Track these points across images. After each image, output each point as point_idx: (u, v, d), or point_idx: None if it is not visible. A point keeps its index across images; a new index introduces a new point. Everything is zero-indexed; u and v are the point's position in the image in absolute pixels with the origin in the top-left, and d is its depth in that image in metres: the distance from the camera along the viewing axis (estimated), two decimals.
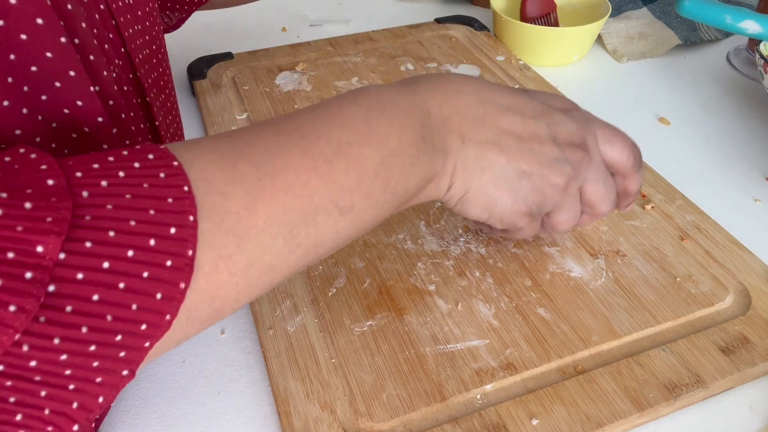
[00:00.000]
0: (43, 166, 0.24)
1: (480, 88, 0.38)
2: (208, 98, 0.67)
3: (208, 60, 0.73)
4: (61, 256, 0.22)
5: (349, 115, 0.33)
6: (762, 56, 0.61)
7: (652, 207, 0.53)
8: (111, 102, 0.34)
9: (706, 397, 0.40)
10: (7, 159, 0.24)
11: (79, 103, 0.31)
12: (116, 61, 0.37)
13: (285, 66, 0.73)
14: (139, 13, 0.40)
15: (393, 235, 0.50)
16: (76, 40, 0.31)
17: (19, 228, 0.21)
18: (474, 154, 0.36)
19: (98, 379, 0.24)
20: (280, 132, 0.31)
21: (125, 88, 0.37)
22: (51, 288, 0.22)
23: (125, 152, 0.26)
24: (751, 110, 0.68)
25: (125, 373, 0.25)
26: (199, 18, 0.87)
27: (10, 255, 0.21)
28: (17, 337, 0.21)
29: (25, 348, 0.22)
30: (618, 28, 0.81)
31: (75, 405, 0.24)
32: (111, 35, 0.36)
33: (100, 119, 0.32)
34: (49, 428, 0.23)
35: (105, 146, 0.33)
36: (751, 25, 0.58)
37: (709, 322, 0.44)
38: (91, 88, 0.31)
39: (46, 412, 0.23)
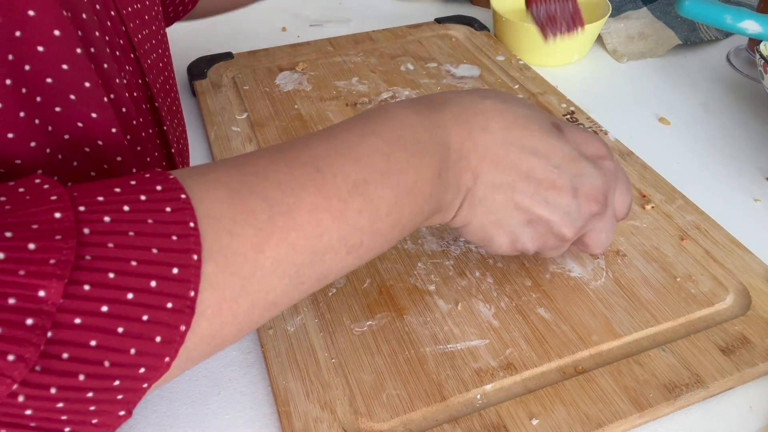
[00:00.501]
0: (53, 197, 0.23)
1: (509, 126, 0.36)
2: (208, 98, 0.67)
3: (208, 60, 0.73)
4: (60, 297, 0.22)
5: (368, 150, 0.31)
6: (762, 56, 0.61)
7: (652, 207, 0.53)
8: (124, 109, 0.34)
9: (706, 397, 0.40)
10: (21, 190, 0.24)
11: (94, 115, 0.30)
12: (127, 67, 0.36)
13: (285, 66, 0.73)
14: (146, 17, 0.40)
15: None
16: (92, 49, 0.31)
17: (22, 272, 0.21)
18: (482, 195, 0.36)
19: (94, 421, 0.24)
20: (294, 164, 0.29)
21: (135, 94, 0.37)
22: (48, 334, 0.21)
23: (133, 182, 0.26)
24: (751, 110, 0.68)
25: (122, 413, 0.25)
26: None
27: (11, 301, 0.21)
28: (15, 387, 0.21)
29: (20, 399, 0.21)
30: (618, 28, 0.81)
31: None
32: (121, 41, 0.36)
33: (113, 130, 0.32)
34: None
35: (119, 158, 0.32)
36: (751, 25, 0.58)
37: (709, 322, 0.44)
38: (105, 99, 0.31)
39: None
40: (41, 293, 0.21)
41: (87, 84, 0.30)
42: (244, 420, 0.40)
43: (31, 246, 0.21)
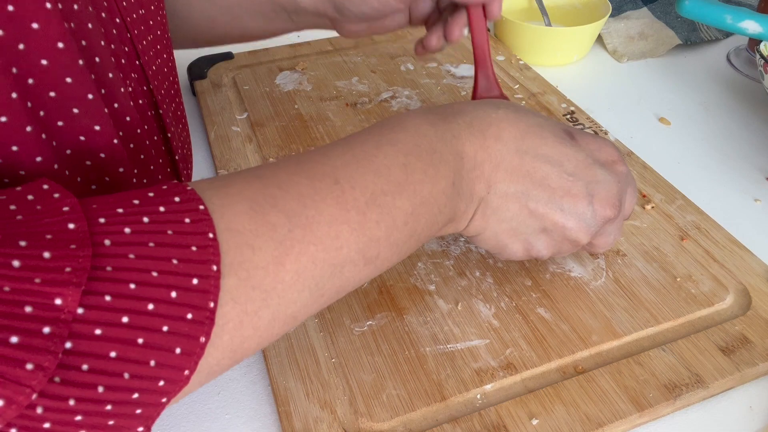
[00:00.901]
0: (66, 208, 0.23)
1: (523, 135, 0.36)
2: (209, 98, 0.67)
3: (208, 60, 0.73)
4: (80, 311, 0.21)
5: (385, 160, 0.31)
6: (762, 56, 0.61)
7: (652, 207, 0.53)
8: (128, 118, 0.33)
9: (706, 397, 0.40)
10: (30, 197, 0.23)
11: (97, 127, 0.30)
12: (132, 74, 0.36)
13: (285, 66, 0.73)
14: (151, 22, 0.39)
15: None
16: (97, 59, 0.31)
17: (37, 280, 0.21)
18: (496, 204, 0.36)
19: None
20: (314, 176, 0.29)
21: (140, 101, 0.37)
22: (68, 345, 0.21)
23: (151, 194, 0.25)
24: (751, 110, 0.68)
25: (140, 430, 0.24)
26: None
27: (28, 309, 0.20)
28: (34, 396, 0.20)
29: (39, 410, 0.21)
30: (618, 28, 0.81)
31: None
32: (126, 48, 0.35)
33: (115, 141, 0.31)
34: None
35: (121, 169, 0.32)
36: (752, 25, 0.58)
37: (709, 322, 0.44)
38: (105, 110, 0.30)
39: None
40: (58, 301, 0.21)
41: (90, 96, 0.30)
42: (244, 420, 0.40)
43: (46, 254, 0.21)
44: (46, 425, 0.21)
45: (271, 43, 0.78)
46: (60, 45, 0.28)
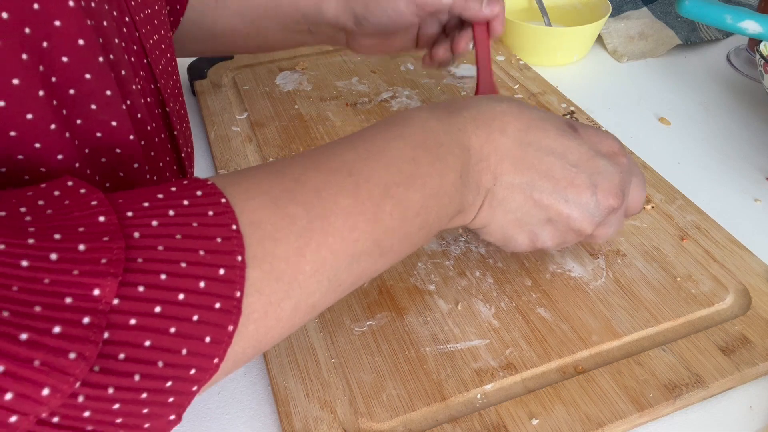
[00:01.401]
0: (94, 202, 0.23)
1: (526, 128, 0.36)
2: (209, 98, 0.67)
3: (208, 60, 0.73)
4: (115, 301, 0.22)
5: (395, 154, 0.32)
6: (762, 56, 0.61)
7: (652, 207, 0.53)
8: (138, 115, 0.34)
9: (706, 397, 0.40)
10: (56, 193, 0.24)
11: (114, 123, 0.31)
12: (141, 72, 0.37)
13: (285, 66, 0.73)
14: (156, 21, 0.40)
15: None
16: (111, 56, 0.31)
17: (75, 272, 0.21)
18: (502, 196, 0.36)
19: (146, 425, 0.24)
20: (328, 170, 0.30)
21: (148, 99, 0.37)
22: (105, 335, 0.22)
23: (173, 188, 0.26)
24: (751, 110, 0.68)
25: (172, 417, 0.25)
26: None
27: (68, 300, 0.21)
28: (77, 385, 0.21)
29: (80, 399, 0.21)
30: (618, 28, 0.81)
31: None
32: (135, 47, 0.36)
33: (131, 137, 0.32)
34: None
35: (136, 165, 0.33)
36: (752, 25, 0.58)
37: (709, 322, 0.44)
38: (123, 106, 0.31)
39: None
40: (96, 292, 0.21)
41: (108, 92, 0.30)
42: (244, 420, 0.40)
43: (81, 247, 0.22)
44: (86, 414, 0.22)
45: None
46: (81, 42, 0.28)
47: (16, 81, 0.26)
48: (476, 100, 0.37)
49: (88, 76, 0.29)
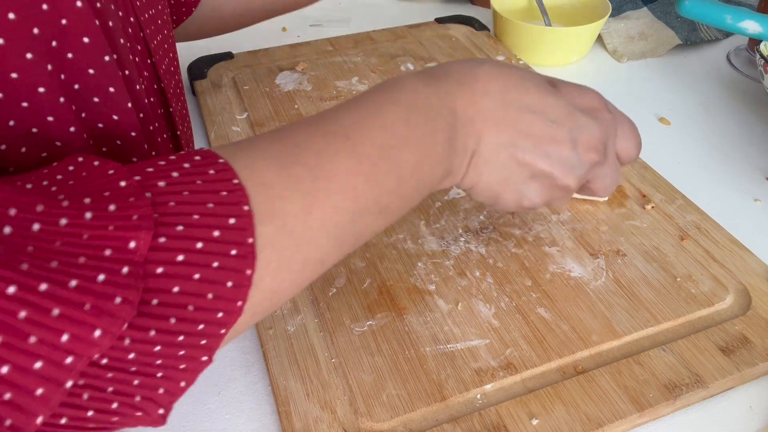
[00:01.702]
0: (111, 171, 0.25)
1: (507, 88, 0.37)
2: (209, 98, 0.67)
3: (208, 60, 0.73)
4: (147, 248, 0.23)
5: (389, 117, 0.34)
6: (762, 56, 0.61)
7: (652, 207, 0.53)
8: (141, 115, 0.35)
9: (706, 397, 0.40)
10: (71, 168, 0.25)
11: (115, 117, 0.32)
12: (144, 73, 0.37)
13: (285, 66, 0.73)
14: (159, 21, 0.40)
15: (393, 235, 0.50)
16: (115, 56, 0.32)
17: (111, 227, 0.23)
18: (487, 155, 0.37)
19: (182, 366, 0.26)
20: (327, 134, 0.32)
21: (152, 99, 0.38)
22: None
23: (172, 156, 0.28)
24: (751, 110, 0.68)
25: (204, 358, 0.26)
26: None
27: (107, 252, 0.22)
28: (125, 327, 0.22)
29: (126, 342, 0.23)
30: (618, 28, 0.81)
31: (161, 391, 0.25)
32: (139, 47, 0.37)
33: (133, 134, 0.33)
34: (139, 413, 0.25)
35: (134, 159, 0.34)
36: (752, 25, 0.58)
37: (709, 322, 0.44)
38: (128, 104, 0.32)
39: (137, 399, 0.25)
40: (132, 244, 0.23)
41: (111, 89, 0.31)
42: (244, 420, 0.40)
43: (112, 207, 0.23)
44: (131, 356, 0.23)
45: (271, 43, 0.78)
46: (86, 40, 0.29)
47: (29, 54, 0.27)
48: (458, 65, 0.39)
49: (91, 71, 0.30)
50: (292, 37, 0.82)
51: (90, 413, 0.23)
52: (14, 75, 0.27)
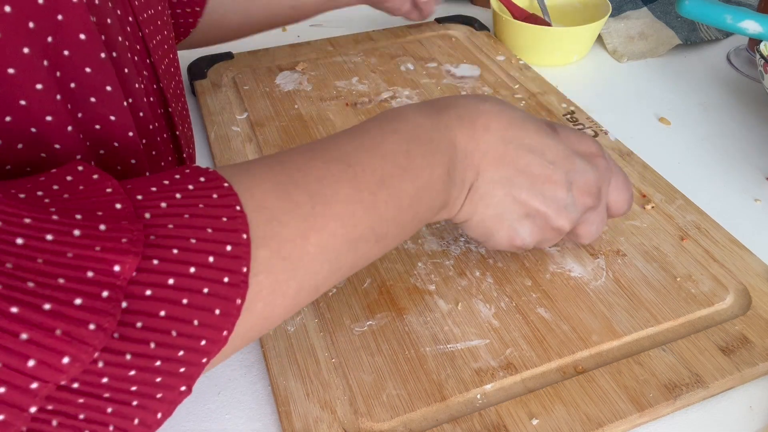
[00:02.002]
0: (108, 189, 0.25)
1: (508, 126, 0.38)
2: (209, 98, 0.67)
3: (208, 60, 0.73)
4: (133, 273, 0.23)
5: (390, 147, 0.34)
6: (762, 56, 0.61)
7: (652, 207, 0.53)
8: (141, 114, 0.35)
9: (706, 397, 0.40)
10: (69, 178, 0.25)
11: (112, 117, 0.31)
12: (143, 72, 0.37)
13: (285, 66, 0.73)
14: (159, 22, 0.40)
15: None
16: (114, 54, 0.32)
17: (98, 248, 0.22)
18: (484, 190, 0.38)
19: (159, 395, 0.25)
20: (328, 160, 0.32)
21: (151, 99, 0.38)
22: (124, 304, 0.23)
23: (177, 176, 0.27)
24: (751, 110, 0.68)
25: (183, 389, 0.26)
26: None
27: (90, 274, 0.22)
28: (96, 355, 0.22)
29: (100, 364, 0.22)
30: (618, 28, 0.81)
31: (136, 421, 0.24)
32: (138, 46, 0.37)
33: (130, 134, 0.32)
34: None
35: (133, 161, 0.33)
36: (752, 25, 0.58)
37: (709, 322, 0.44)
38: (124, 103, 0.32)
39: (111, 428, 0.24)
40: (116, 268, 0.22)
41: (108, 88, 0.31)
42: (244, 420, 0.40)
43: (102, 227, 0.23)
44: (105, 380, 0.23)
45: (271, 43, 0.78)
46: (82, 36, 0.29)
47: (25, 49, 0.27)
48: (462, 99, 0.39)
49: (88, 69, 0.30)
50: (292, 37, 0.82)
51: None
52: (11, 71, 0.26)
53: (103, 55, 0.30)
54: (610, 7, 0.76)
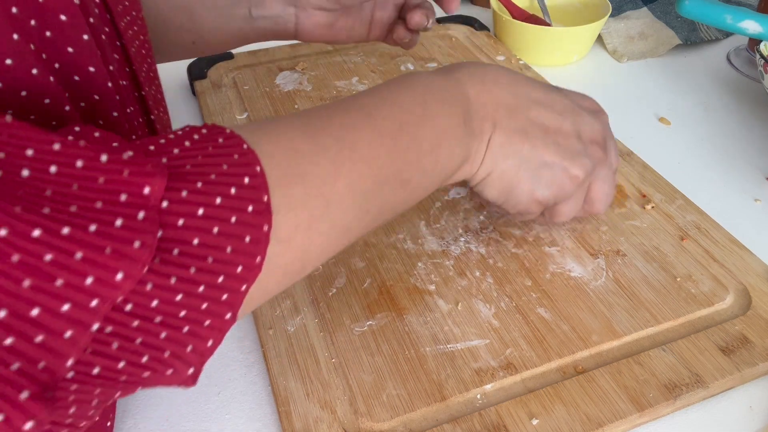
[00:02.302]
0: (115, 144, 0.25)
1: (515, 81, 0.40)
2: (209, 98, 0.67)
3: (208, 60, 0.73)
4: (164, 204, 0.24)
5: (406, 99, 0.36)
6: (762, 56, 0.61)
7: (652, 207, 0.53)
8: (118, 97, 0.34)
9: (706, 397, 0.40)
10: (70, 138, 0.25)
11: (96, 97, 0.32)
12: (114, 55, 0.36)
13: (285, 66, 0.73)
14: (127, 2, 0.39)
15: (393, 235, 0.50)
16: (85, 36, 0.31)
17: (126, 172, 0.23)
18: (501, 140, 0.39)
19: (206, 322, 0.26)
20: (349, 110, 0.34)
21: (124, 82, 0.37)
22: (159, 233, 0.24)
23: (180, 131, 0.28)
24: (751, 110, 0.68)
25: (228, 316, 0.27)
26: None
27: (123, 197, 0.23)
28: (145, 270, 0.23)
29: (148, 286, 0.23)
30: (618, 28, 0.81)
31: (189, 348, 0.25)
32: (107, 28, 0.36)
33: (115, 114, 0.33)
34: (169, 371, 0.25)
35: (115, 113, 0.34)
36: (752, 25, 0.58)
37: (709, 322, 0.44)
38: (109, 84, 0.32)
39: (166, 354, 0.25)
40: (146, 190, 0.23)
41: (91, 69, 0.31)
42: (244, 420, 0.40)
43: (127, 155, 0.24)
44: (154, 303, 0.23)
45: (271, 43, 0.78)
46: (63, 17, 0.29)
47: (15, 36, 0.27)
48: (467, 63, 0.41)
49: (70, 49, 0.30)
50: None
51: (121, 364, 0.23)
52: (9, 61, 0.26)
53: (86, 36, 0.30)
54: (610, 7, 0.76)
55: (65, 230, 0.21)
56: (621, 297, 0.45)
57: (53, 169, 0.22)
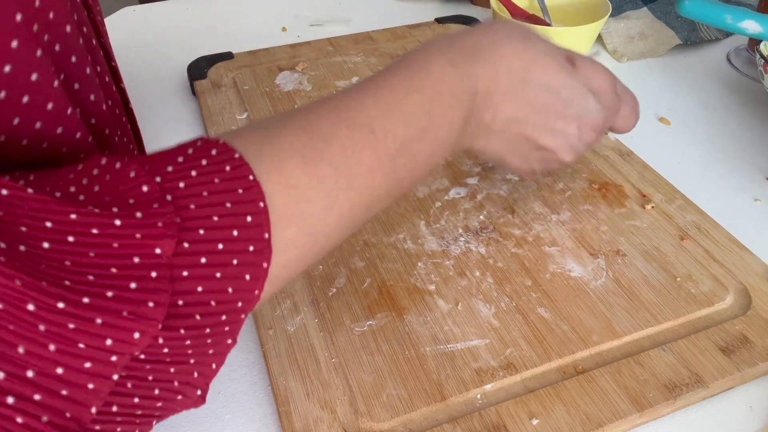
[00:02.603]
0: (132, 174, 0.26)
1: (530, 65, 0.40)
2: (209, 98, 0.67)
3: (208, 60, 0.73)
4: (172, 252, 0.25)
5: (413, 108, 0.35)
6: (762, 56, 0.61)
7: (652, 207, 0.53)
8: (93, 121, 0.34)
9: (706, 397, 0.40)
10: (95, 172, 0.26)
11: (92, 97, 0.33)
12: (105, 78, 0.37)
13: (285, 66, 0.73)
14: (99, 18, 0.40)
15: (393, 235, 0.50)
16: (74, 58, 0.32)
17: (138, 235, 0.24)
18: (499, 128, 0.40)
19: (210, 351, 0.28)
20: (352, 126, 0.33)
21: (106, 78, 0.38)
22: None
23: (190, 150, 0.28)
24: (751, 110, 0.68)
25: (229, 341, 0.29)
26: (199, 18, 0.87)
27: (136, 260, 0.24)
28: (159, 327, 0.24)
29: (160, 340, 0.25)
30: (618, 28, 0.81)
31: (196, 374, 0.28)
32: (85, 29, 0.36)
33: (78, 135, 0.32)
34: (179, 397, 0.27)
35: (107, 130, 0.35)
36: (752, 25, 0.58)
37: (709, 322, 0.44)
38: (68, 110, 0.31)
39: (176, 384, 0.27)
40: (158, 251, 0.25)
41: (88, 71, 0.31)
42: (244, 420, 0.40)
43: (138, 214, 0.25)
44: (165, 350, 0.25)
45: (271, 43, 0.78)
46: (14, 44, 0.27)
47: (14, 43, 0.27)
48: (488, 39, 0.40)
49: (73, 59, 0.31)
50: (292, 37, 0.83)
51: (136, 400, 0.25)
52: (7, 68, 0.26)
53: (81, 40, 0.31)
54: (610, 7, 0.76)
55: (85, 300, 0.23)
56: (621, 297, 0.45)
57: (71, 239, 0.23)
